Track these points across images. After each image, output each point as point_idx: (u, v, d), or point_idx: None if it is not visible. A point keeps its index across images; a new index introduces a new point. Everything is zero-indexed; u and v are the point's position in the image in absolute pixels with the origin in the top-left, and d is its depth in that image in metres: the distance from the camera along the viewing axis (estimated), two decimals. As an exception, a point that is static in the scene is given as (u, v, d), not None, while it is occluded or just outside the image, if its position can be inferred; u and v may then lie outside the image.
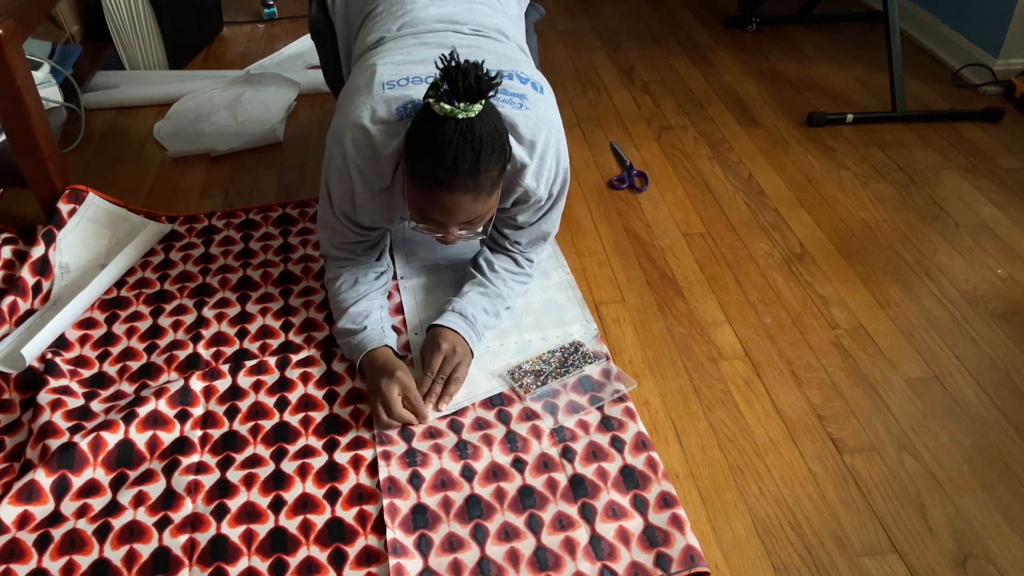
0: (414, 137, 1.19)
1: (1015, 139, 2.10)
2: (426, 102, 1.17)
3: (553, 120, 1.35)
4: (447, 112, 1.14)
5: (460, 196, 1.18)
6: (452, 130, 1.14)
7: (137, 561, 1.11)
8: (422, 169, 1.18)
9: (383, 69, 1.31)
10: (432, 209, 1.22)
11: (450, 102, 1.13)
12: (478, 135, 1.15)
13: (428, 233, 1.29)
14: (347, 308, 1.40)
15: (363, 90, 1.30)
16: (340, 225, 1.39)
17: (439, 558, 1.11)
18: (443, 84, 1.14)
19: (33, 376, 1.37)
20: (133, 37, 2.34)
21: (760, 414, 1.35)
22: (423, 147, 1.17)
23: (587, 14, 2.87)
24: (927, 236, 1.76)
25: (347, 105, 1.31)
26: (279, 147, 2.08)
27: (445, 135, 1.14)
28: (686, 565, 1.10)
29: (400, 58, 1.33)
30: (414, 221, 1.28)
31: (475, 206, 1.21)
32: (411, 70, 1.31)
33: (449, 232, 1.26)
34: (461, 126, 1.14)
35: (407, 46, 1.36)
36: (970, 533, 1.16)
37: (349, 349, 1.38)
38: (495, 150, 1.18)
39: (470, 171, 1.16)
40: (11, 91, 1.50)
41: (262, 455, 1.25)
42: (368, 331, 1.36)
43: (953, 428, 1.32)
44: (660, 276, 1.64)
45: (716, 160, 2.03)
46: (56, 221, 1.62)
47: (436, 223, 1.25)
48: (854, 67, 2.48)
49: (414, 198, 1.24)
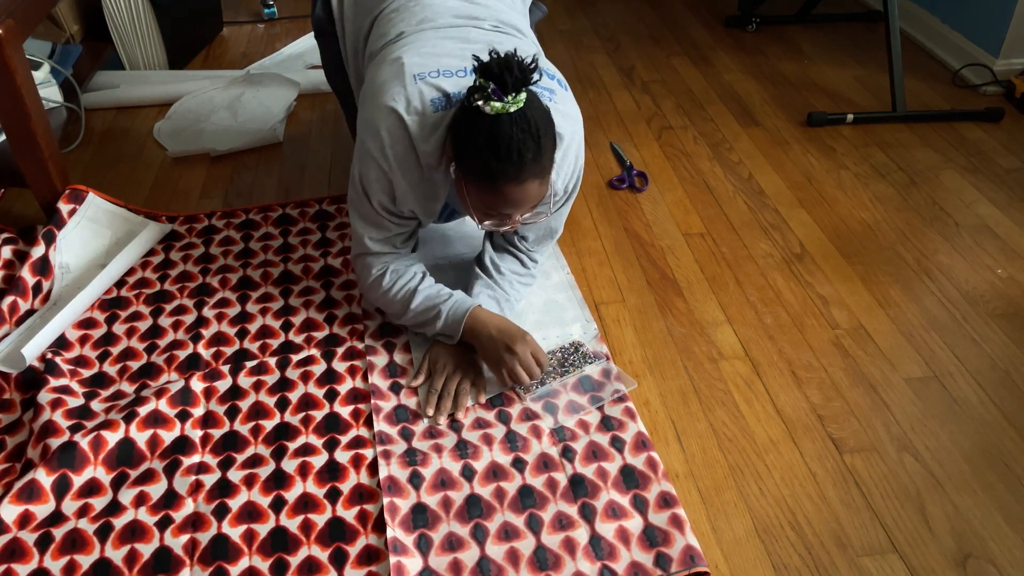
0: (468, 141, 1.19)
1: (1015, 139, 2.10)
2: (473, 106, 1.17)
3: (577, 116, 1.38)
4: (498, 110, 1.15)
5: (529, 185, 1.20)
6: (508, 125, 1.15)
7: (138, 561, 1.11)
8: (487, 170, 1.18)
9: (411, 60, 1.31)
10: (502, 204, 1.22)
11: (500, 99, 1.14)
12: (533, 123, 1.17)
13: (494, 227, 1.30)
14: (416, 288, 1.39)
15: (394, 81, 1.30)
16: (380, 219, 1.37)
17: (439, 557, 1.11)
18: (488, 84, 1.15)
19: (33, 376, 1.37)
20: (133, 37, 2.34)
21: (760, 414, 1.35)
22: (484, 148, 1.17)
23: (587, 14, 2.87)
24: (927, 236, 1.76)
25: (379, 97, 1.30)
26: (279, 147, 2.08)
27: (504, 132, 1.15)
28: (686, 565, 1.10)
29: (426, 50, 1.33)
30: (478, 219, 1.28)
31: (541, 189, 1.23)
32: (439, 62, 1.31)
33: (515, 221, 1.27)
34: (515, 119, 1.15)
35: (430, 39, 1.36)
36: (970, 533, 1.16)
37: (438, 324, 1.37)
38: (549, 131, 1.20)
39: (535, 158, 1.18)
40: (11, 91, 1.50)
41: (263, 455, 1.26)
42: (455, 297, 1.37)
43: (953, 428, 1.32)
44: (660, 276, 1.64)
45: (716, 160, 2.03)
46: (56, 221, 1.62)
47: (504, 216, 1.26)
48: (854, 67, 2.48)
49: (480, 197, 1.23)
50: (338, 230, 1.73)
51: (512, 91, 1.15)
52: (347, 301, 1.54)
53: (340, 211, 1.79)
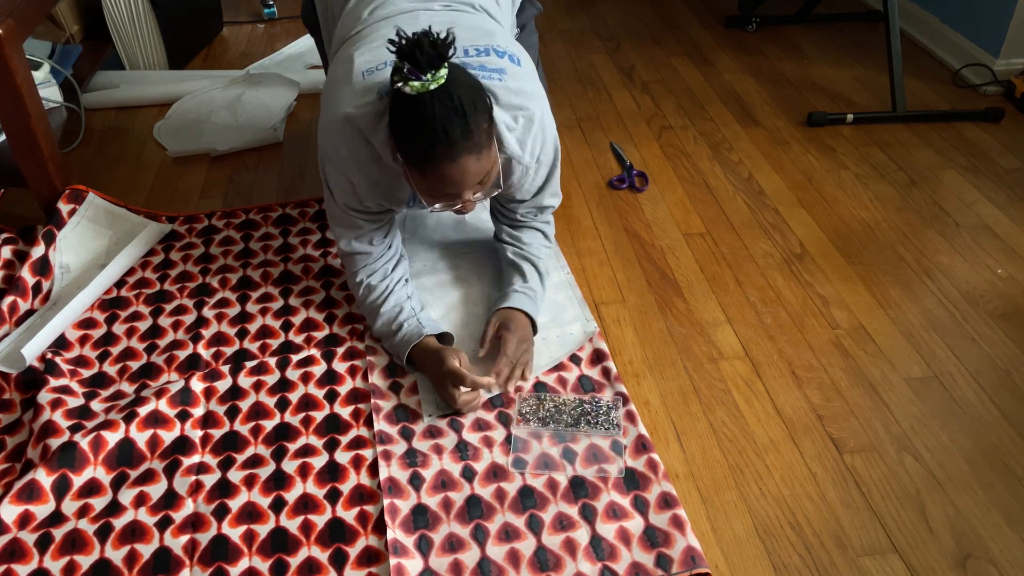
0: (398, 126, 1.18)
1: (1015, 139, 2.10)
2: (395, 89, 1.14)
3: (533, 89, 1.35)
4: (418, 89, 1.12)
5: (464, 161, 1.17)
6: (430, 103, 1.12)
7: (138, 561, 1.11)
8: (418, 152, 1.17)
9: (360, 59, 1.31)
10: (442, 185, 1.20)
11: (418, 78, 1.12)
12: (456, 97, 1.14)
13: (446, 209, 1.27)
14: (379, 308, 1.41)
15: (343, 82, 1.30)
16: (349, 218, 1.38)
17: (439, 558, 1.11)
18: (404, 64, 1.12)
19: (33, 376, 1.37)
20: (133, 37, 2.34)
21: (760, 414, 1.35)
22: (411, 131, 1.15)
23: (587, 14, 2.87)
24: (927, 236, 1.76)
25: (330, 100, 1.32)
26: (279, 147, 2.08)
27: (427, 111, 1.13)
28: (687, 566, 1.10)
29: (376, 44, 1.32)
30: (427, 204, 1.26)
31: (480, 164, 1.20)
32: (386, 53, 1.29)
33: (466, 200, 1.24)
34: (437, 95, 1.13)
35: (380, 29, 1.35)
36: (970, 533, 1.16)
37: (393, 349, 1.40)
38: (477, 104, 1.17)
39: (464, 133, 1.14)
40: (11, 91, 1.50)
41: (263, 455, 1.25)
42: (404, 328, 1.38)
43: (953, 428, 1.32)
44: (660, 276, 1.64)
45: (716, 160, 2.03)
46: (56, 221, 1.62)
47: (450, 196, 1.23)
48: (854, 67, 2.48)
49: (420, 182, 1.22)
50: (338, 230, 1.73)
51: (428, 69, 1.11)
52: (347, 301, 1.54)
53: (340, 211, 1.79)
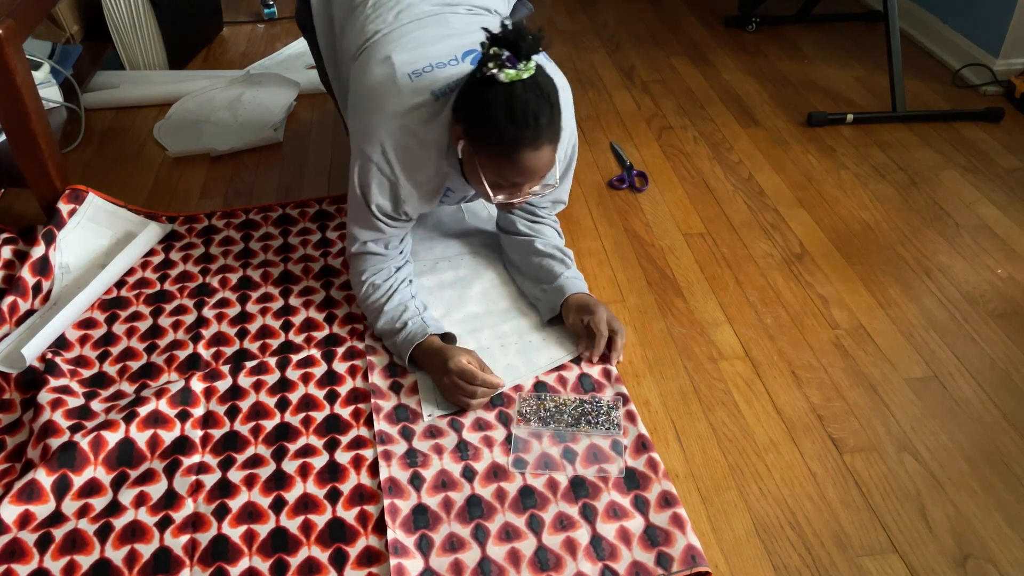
0: (482, 113, 1.20)
1: (1015, 139, 2.10)
2: (486, 75, 1.18)
3: (566, 84, 1.40)
4: (513, 77, 1.16)
5: (544, 151, 1.22)
6: (523, 91, 1.17)
7: (138, 561, 1.11)
8: (505, 137, 1.20)
9: (400, 58, 1.32)
10: (516, 173, 1.24)
11: (514, 66, 1.16)
12: (545, 88, 1.19)
13: (506, 202, 1.31)
14: (382, 306, 1.41)
15: (387, 84, 1.31)
16: (375, 222, 1.39)
17: (440, 558, 1.11)
18: (503, 52, 1.16)
19: (33, 376, 1.37)
20: (133, 37, 2.34)
21: (760, 414, 1.35)
22: (501, 116, 1.18)
23: (587, 14, 2.87)
24: (927, 236, 1.76)
25: (375, 103, 1.32)
26: (279, 147, 2.08)
27: (519, 98, 1.17)
28: (687, 565, 1.10)
29: (411, 45, 1.34)
30: (490, 194, 1.28)
31: (552, 156, 1.25)
32: (428, 54, 1.32)
33: (526, 192, 1.29)
34: (528, 85, 1.18)
35: (411, 32, 1.37)
36: (970, 533, 1.16)
37: (395, 348, 1.40)
38: (556, 98, 1.23)
39: (549, 123, 1.20)
40: (11, 91, 1.50)
41: (263, 455, 1.25)
42: (409, 327, 1.38)
43: (953, 428, 1.32)
44: (660, 276, 1.64)
45: (716, 160, 2.03)
46: (56, 221, 1.62)
47: (517, 186, 1.27)
48: (854, 67, 2.48)
49: (495, 169, 1.25)
50: (338, 230, 1.73)
51: (525, 58, 1.17)
52: (347, 301, 1.54)
53: (340, 211, 1.79)
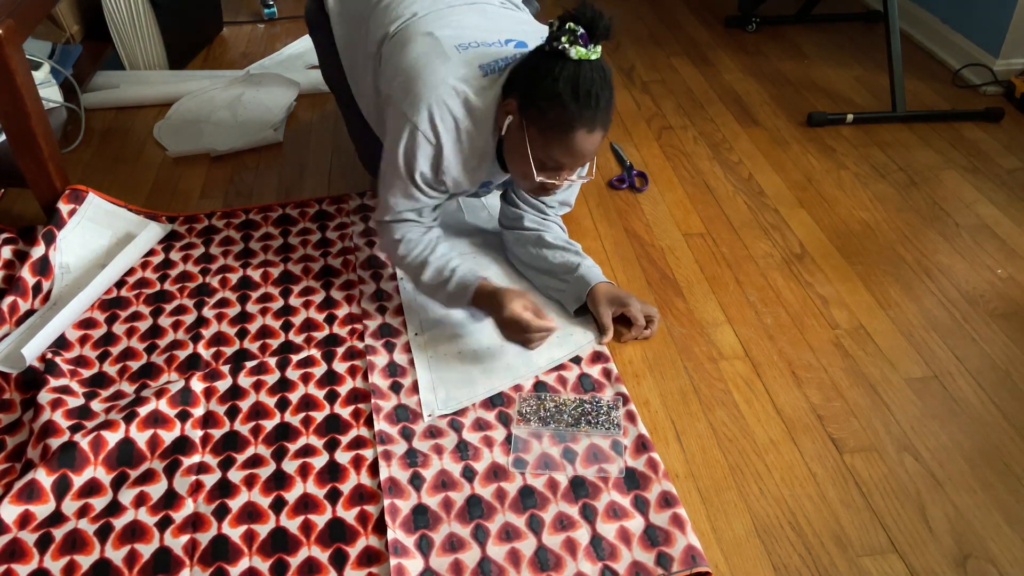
0: (545, 86, 1.21)
1: (1015, 139, 2.10)
2: (556, 49, 1.19)
3: None
4: (582, 55, 1.18)
5: (597, 133, 1.25)
6: (589, 71, 1.19)
7: (138, 561, 1.11)
8: (564, 114, 1.21)
9: (444, 33, 1.34)
10: (566, 153, 1.26)
11: (585, 45, 1.18)
12: (607, 73, 1.22)
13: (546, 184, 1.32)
14: (426, 258, 1.42)
15: (434, 55, 1.32)
16: (417, 192, 1.40)
17: (440, 558, 1.11)
18: (578, 28, 1.18)
19: (33, 376, 1.37)
20: (133, 37, 2.34)
21: (760, 414, 1.35)
22: (565, 92, 1.20)
23: (587, 14, 2.87)
24: (927, 236, 1.76)
25: (422, 70, 1.32)
26: (279, 147, 2.08)
27: (586, 77, 1.19)
28: (687, 564, 1.10)
29: (455, 24, 1.37)
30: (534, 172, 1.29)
31: (600, 143, 1.28)
32: (473, 35, 1.35)
33: (563, 177, 1.31)
34: (594, 66, 1.20)
35: (451, 15, 1.39)
36: (970, 533, 1.16)
37: (446, 296, 1.41)
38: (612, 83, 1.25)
39: (607, 106, 1.23)
40: (11, 91, 1.50)
41: (263, 455, 1.26)
42: (459, 273, 1.40)
43: (953, 428, 1.32)
44: (660, 276, 1.64)
45: (716, 160, 2.03)
46: (56, 221, 1.62)
47: (561, 168, 1.29)
48: (854, 67, 2.48)
49: (544, 147, 1.26)
50: (338, 230, 1.73)
51: (599, 39, 1.19)
52: (347, 301, 1.54)
53: (340, 211, 1.79)
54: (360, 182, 1.90)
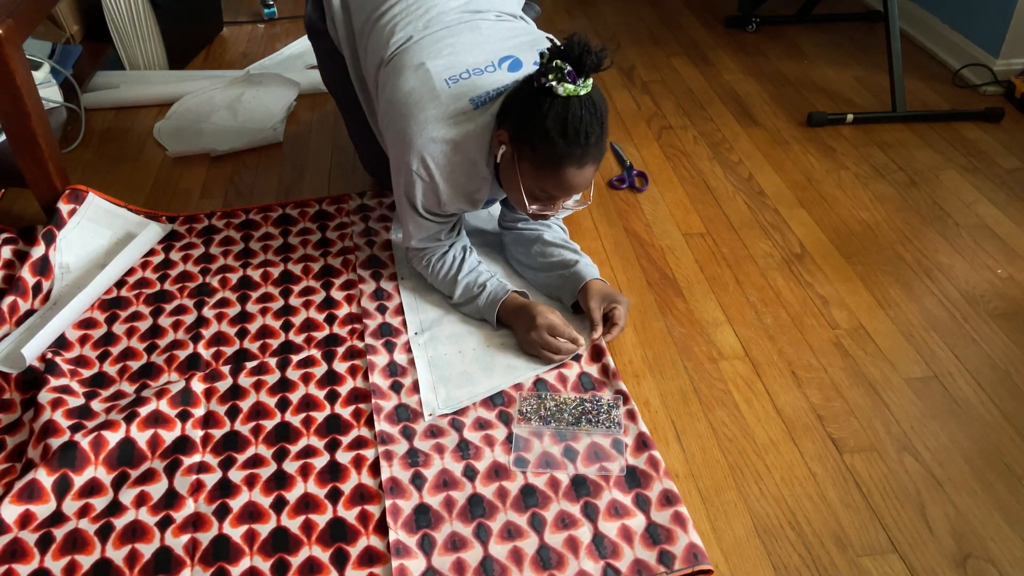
0: (533, 123, 1.21)
1: (1015, 139, 2.10)
2: (544, 86, 1.18)
3: None
4: (570, 92, 1.17)
5: (588, 169, 1.25)
6: (578, 107, 1.18)
7: (139, 561, 1.11)
8: (552, 151, 1.21)
9: (435, 64, 1.33)
10: (557, 187, 1.26)
11: (573, 81, 1.17)
12: (598, 107, 1.21)
13: (539, 212, 1.33)
14: (455, 277, 1.46)
15: (423, 92, 1.32)
16: (426, 222, 1.44)
17: (442, 558, 1.11)
18: (565, 65, 1.16)
19: (34, 376, 1.37)
20: (133, 37, 2.34)
21: (760, 414, 1.35)
22: (552, 130, 1.19)
23: (587, 14, 2.87)
24: (927, 236, 1.76)
25: (410, 110, 1.32)
26: (279, 147, 2.08)
27: (574, 115, 1.18)
28: (689, 563, 1.10)
29: (446, 52, 1.36)
30: (526, 202, 1.30)
31: (593, 174, 1.28)
32: (464, 61, 1.34)
33: (559, 205, 1.32)
34: (584, 102, 1.19)
35: (443, 39, 1.38)
36: (970, 533, 1.17)
37: (478, 311, 1.45)
38: (606, 118, 1.24)
39: (597, 142, 1.22)
40: (11, 91, 1.50)
41: (264, 455, 1.26)
42: (488, 288, 1.43)
43: (953, 428, 1.32)
44: (660, 276, 1.64)
45: (716, 160, 2.03)
46: (56, 221, 1.62)
47: (554, 199, 1.30)
48: (854, 67, 2.48)
49: (536, 180, 1.27)
50: (338, 230, 1.73)
51: (585, 75, 1.17)
52: (347, 301, 1.54)
53: (340, 211, 1.79)
54: (360, 182, 1.90)
